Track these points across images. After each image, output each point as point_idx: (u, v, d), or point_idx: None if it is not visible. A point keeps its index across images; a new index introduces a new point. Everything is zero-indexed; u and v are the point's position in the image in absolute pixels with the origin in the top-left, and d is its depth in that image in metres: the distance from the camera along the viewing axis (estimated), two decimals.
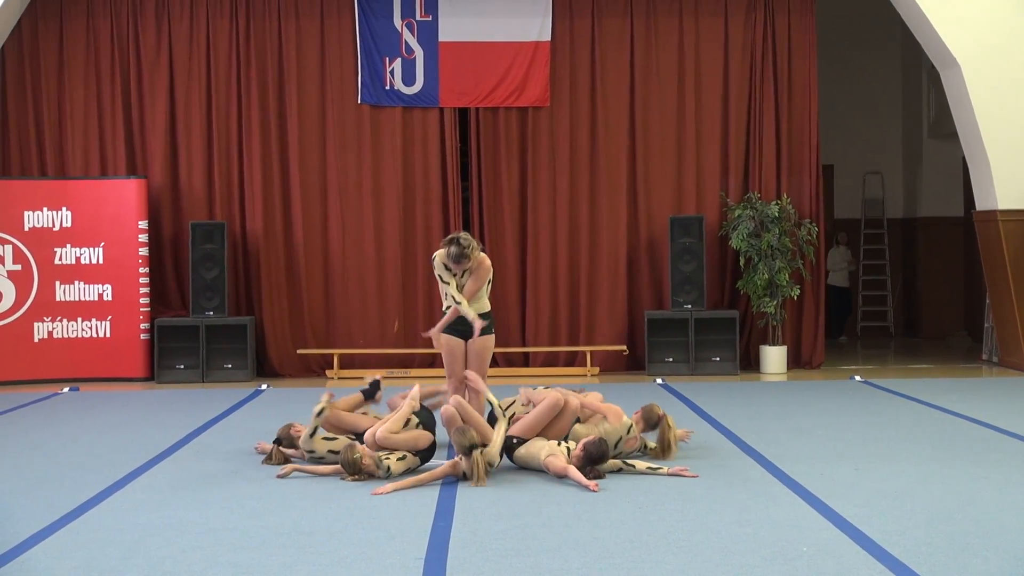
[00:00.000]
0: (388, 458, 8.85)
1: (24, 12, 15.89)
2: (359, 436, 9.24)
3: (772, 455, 9.73)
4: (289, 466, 9.18)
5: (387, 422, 9.01)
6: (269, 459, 9.56)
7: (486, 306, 10.04)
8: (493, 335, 10.25)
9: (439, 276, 9.93)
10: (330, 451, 9.18)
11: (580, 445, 8.81)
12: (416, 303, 16.22)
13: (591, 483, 8.41)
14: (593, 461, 8.68)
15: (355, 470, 8.78)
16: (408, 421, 9.07)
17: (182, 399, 13.93)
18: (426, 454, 9.16)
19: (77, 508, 8.23)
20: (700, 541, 7.07)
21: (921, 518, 7.61)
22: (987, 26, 15.47)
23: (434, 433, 9.27)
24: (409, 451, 8.97)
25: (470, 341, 9.88)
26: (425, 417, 9.30)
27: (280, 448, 9.53)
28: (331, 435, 9.39)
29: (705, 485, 8.76)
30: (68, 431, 11.95)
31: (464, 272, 9.80)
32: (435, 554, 6.90)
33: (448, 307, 9.92)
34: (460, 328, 9.89)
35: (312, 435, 9.24)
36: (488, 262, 10.04)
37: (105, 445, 10.93)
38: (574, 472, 8.55)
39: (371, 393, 9.92)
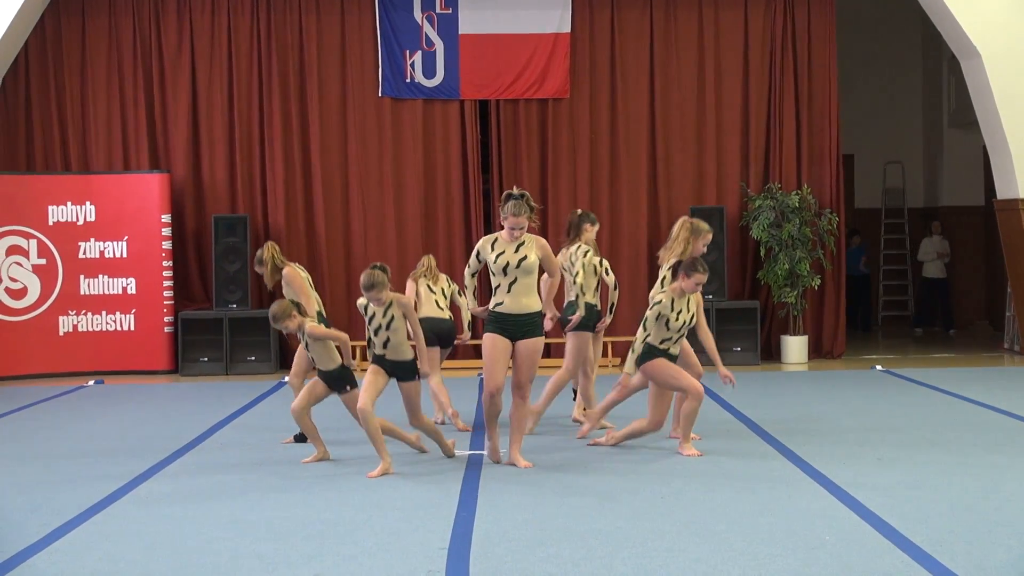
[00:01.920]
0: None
1: (47, 8, 15.93)
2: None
3: (793, 444, 9.75)
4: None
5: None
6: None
7: (533, 304, 8.79)
8: (542, 337, 8.97)
9: (476, 253, 8.92)
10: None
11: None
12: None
13: None
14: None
15: (277, 318, 9.18)
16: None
17: (206, 391, 13.98)
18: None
19: (104, 500, 8.27)
20: (722, 530, 7.08)
21: (944, 507, 7.60)
22: (1009, 17, 15.42)
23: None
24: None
25: (519, 343, 8.72)
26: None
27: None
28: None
29: (727, 474, 8.79)
30: (93, 424, 12.04)
31: (519, 245, 8.60)
32: (458, 543, 6.92)
33: (498, 303, 8.75)
34: (508, 328, 8.69)
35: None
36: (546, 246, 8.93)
37: (130, 438, 10.99)
38: None
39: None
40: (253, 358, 15.81)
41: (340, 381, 9.29)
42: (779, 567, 6.28)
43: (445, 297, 11.53)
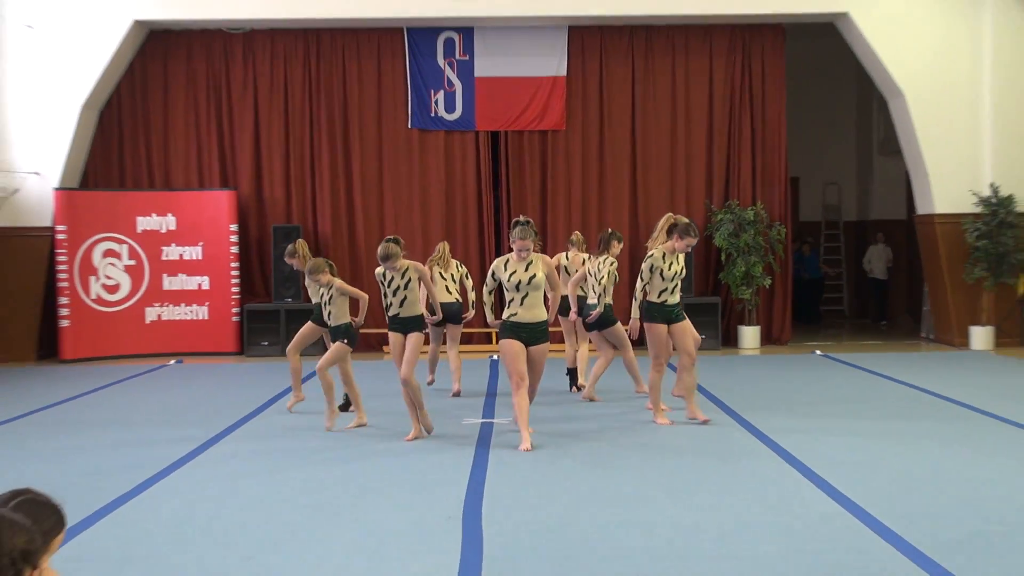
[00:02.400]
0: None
1: (136, 55, 15.99)
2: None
3: (748, 415, 9.79)
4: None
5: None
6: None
7: (541, 314, 8.58)
8: (548, 342, 8.71)
9: (491, 271, 8.71)
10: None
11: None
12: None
13: None
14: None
15: (313, 271, 9.50)
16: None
17: (266, 370, 14.03)
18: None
19: (182, 458, 8.34)
20: (694, 486, 7.15)
21: (869, 463, 7.68)
22: (928, 64, 15.41)
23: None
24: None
25: (531, 348, 8.47)
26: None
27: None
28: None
29: (693, 439, 8.85)
30: (174, 395, 12.13)
31: (528, 264, 8.42)
32: (473, 495, 6.98)
33: (512, 314, 8.49)
34: (523, 335, 8.43)
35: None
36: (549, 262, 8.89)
37: (203, 407, 11.07)
38: None
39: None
40: None
41: (343, 334, 9.40)
42: (735, 512, 6.36)
43: (455, 282, 11.57)
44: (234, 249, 15.84)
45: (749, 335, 16.06)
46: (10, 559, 2.55)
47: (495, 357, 14.06)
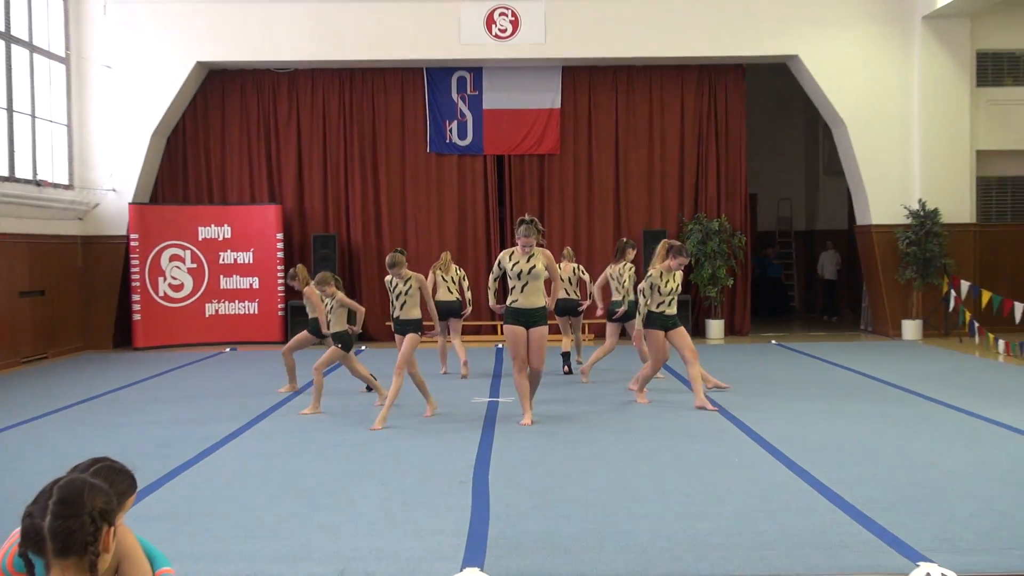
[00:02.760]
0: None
1: (197, 91, 16.04)
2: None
3: (714, 395, 9.77)
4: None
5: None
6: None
7: (539, 301, 8.46)
8: (547, 326, 8.56)
9: (497, 263, 8.58)
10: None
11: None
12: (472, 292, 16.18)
13: None
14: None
15: (321, 282, 9.32)
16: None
17: (307, 357, 13.97)
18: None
19: (234, 432, 8.36)
20: (671, 457, 7.15)
21: (818, 436, 7.70)
22: (865, 96, 15.47)
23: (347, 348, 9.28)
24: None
25: (531, 330, 8.36)
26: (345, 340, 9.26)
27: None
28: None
29: (666, 416, 8.88)
30: (228, 378, 12.13)
31: (530, 257, 8.32)
32: (482, 462, 6.99)
33: (513, 300, 8.42)
34: (522, 319, 8.34)
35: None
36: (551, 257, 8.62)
37: (252, 387, 11.09)
38: None
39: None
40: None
41: (339, 340, 9.22)
42: (704, 479, 6.38)
43: (454, 283, 11.74)
44: (280, 254, 15.85)
45: (715, 327, 16.05)
46: (91, 517, 2.56)
47: (500, 346, 14.07)
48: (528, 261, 8.26)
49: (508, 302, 8.43)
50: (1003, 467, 6.66)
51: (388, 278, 8.93)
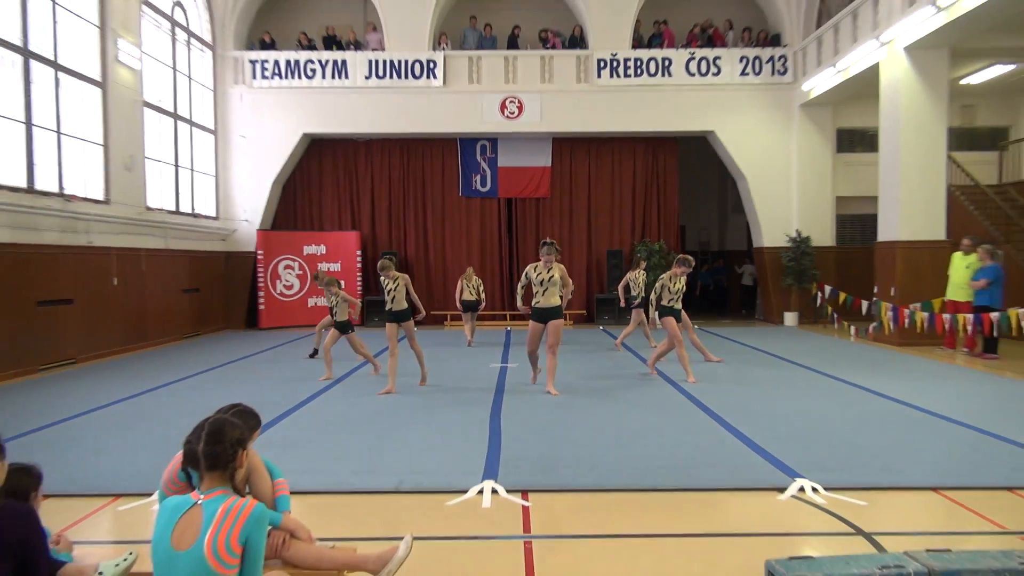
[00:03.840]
0: None
1: (303, 152, 16.03)
2: None
3: (669, 373, 9.72)
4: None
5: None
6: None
7: (555, 301, 7.73)
8: (562, 319, 7.81)
9: (525, 273, 7.83)
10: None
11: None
12: (488, 291, 16.11)
13: None
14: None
15: (329, 283, 8.58)
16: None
17: (378, 335, 14.01)
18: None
19: (321, 389, 8.30)
20: (639, 414, 7.08)
21: (734, 394, 7.62)
22: (759, 158, 15.39)
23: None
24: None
25: (549, 323, 7.72)
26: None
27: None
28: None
29: (641, 387, 8.78)
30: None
31: (550, 269, 7.70)
32: (495, 418, 6.93)
33: (536, 302, 7.77)
34: (543, 316, 7.72)
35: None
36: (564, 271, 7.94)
37: (341, 356, 10.97)
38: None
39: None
40: None
41: (344, 328, 8.85)
42: (664, 433, 6.32)
43: (475, 288, 12.21)
44: (359, 264, 15.80)
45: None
46: (230, 444, 2.58)
47: (508, 329, 14.06)
48: (548, 272, 7.75)
49: (533, 303, 7.85)
50: (856, 414, 6.62)
51: (382, 279, 8.10)
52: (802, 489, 4.52)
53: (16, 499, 2.64)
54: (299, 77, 15.15)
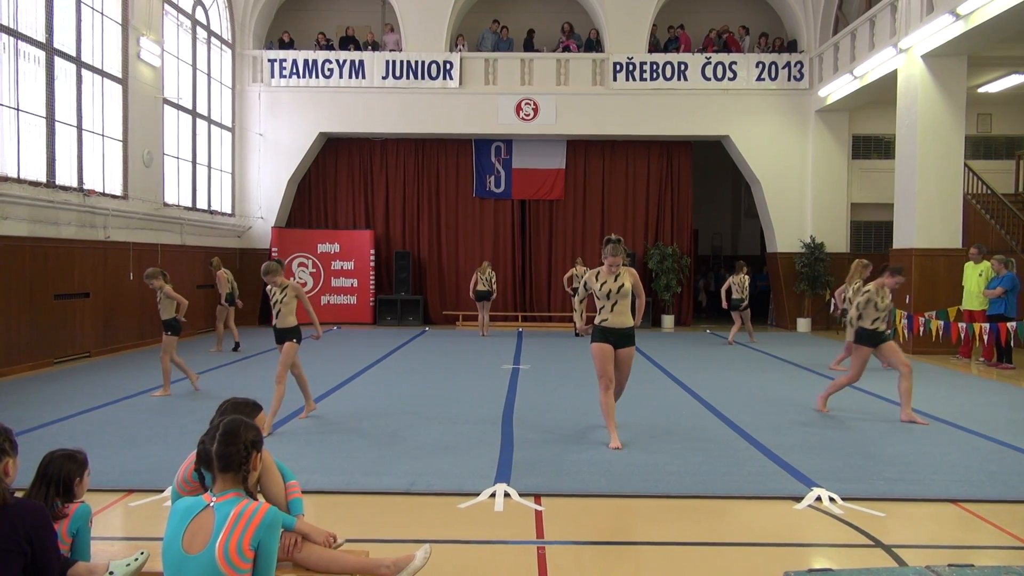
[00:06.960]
0: None
1: (319, 150, 16.03)
2: None
3: (667, 365, 9.64)
4: None
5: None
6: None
7: (629, 321, 5.70)
8: (634, 346, 5.79)
9: (583, 282, 5.85)
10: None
11: None
12: (501, 293, 16.02)
13: None
14: None
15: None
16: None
17: (390, 334, 14.03)
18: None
19: (342, 382, 8.31)
20: (634, 401, 7.05)
21: (730, 391, 7.55)
22: (774, 163, 15.29)
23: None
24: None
25: (620, 350, 5.71)
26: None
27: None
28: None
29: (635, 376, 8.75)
30: (337, 347, 12.05)
31: (617, 276, 5.65)
32: (509, 402, 6.88)
33: (603, 319, 5.71)
34: (611, 339, 5.67)
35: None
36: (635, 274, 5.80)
37: (354, 353, 11.00)
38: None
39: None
40: (412, 318, 15.79)
41: (170, 327, 7.53)
42: (654, 417, 6.26)
43: (488, 279, 13.15)
44: (372, 263, 15.78)
45: (668, 320, 15.86)
46: (244, 446, 2.52)
47: (520, 330, 14.01)
48: (616, 280, 5.63)
49: (597, 321, 5.72)
50: (870, 422, 6.52)
51: (267, 287, 6.45)
52: (819, 499, 4.43)
53: (60, 486, 2.76)
54: (317, 76, 15.16)
